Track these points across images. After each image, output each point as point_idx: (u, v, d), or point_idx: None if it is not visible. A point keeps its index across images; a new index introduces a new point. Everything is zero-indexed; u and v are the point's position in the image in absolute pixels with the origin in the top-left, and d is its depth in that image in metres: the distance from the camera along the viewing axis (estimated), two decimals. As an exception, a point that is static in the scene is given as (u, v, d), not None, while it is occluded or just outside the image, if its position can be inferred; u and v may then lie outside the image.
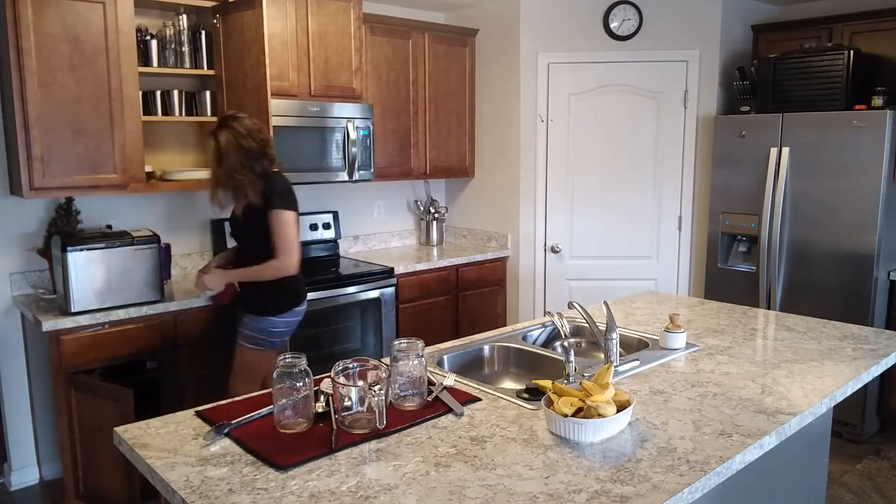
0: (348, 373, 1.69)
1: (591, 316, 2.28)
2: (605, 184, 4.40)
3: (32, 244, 3.29)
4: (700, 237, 4.34)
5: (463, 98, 4.61)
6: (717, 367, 2.13)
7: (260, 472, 1.46)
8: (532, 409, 1.79)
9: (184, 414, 1.78)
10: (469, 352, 2.36)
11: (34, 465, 3.43)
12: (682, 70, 4.24)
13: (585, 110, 4.34)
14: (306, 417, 1.66)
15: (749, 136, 3.97)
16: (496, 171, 4.61)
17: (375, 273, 3.88)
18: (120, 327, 2.98)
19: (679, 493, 1.37)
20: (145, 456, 1.54)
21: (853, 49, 3.70)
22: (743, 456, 1.56)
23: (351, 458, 1.53)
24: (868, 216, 3.61)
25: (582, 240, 4.47)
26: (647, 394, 1.91)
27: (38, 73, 2.90)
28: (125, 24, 3.11)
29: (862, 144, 3.58)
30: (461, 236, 4.92)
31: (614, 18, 4.22)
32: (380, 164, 4.17)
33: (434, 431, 1.66)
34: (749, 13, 4.38)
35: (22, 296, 3.25)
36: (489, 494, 1.36)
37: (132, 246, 3.00)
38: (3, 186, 3.21)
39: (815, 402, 1.84)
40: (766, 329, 2.61)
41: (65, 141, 3.01)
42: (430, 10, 4.67)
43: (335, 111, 3.80)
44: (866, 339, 2.43)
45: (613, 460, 1.51)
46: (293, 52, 3.65)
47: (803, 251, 3.84)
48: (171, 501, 1.41)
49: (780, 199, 3.87)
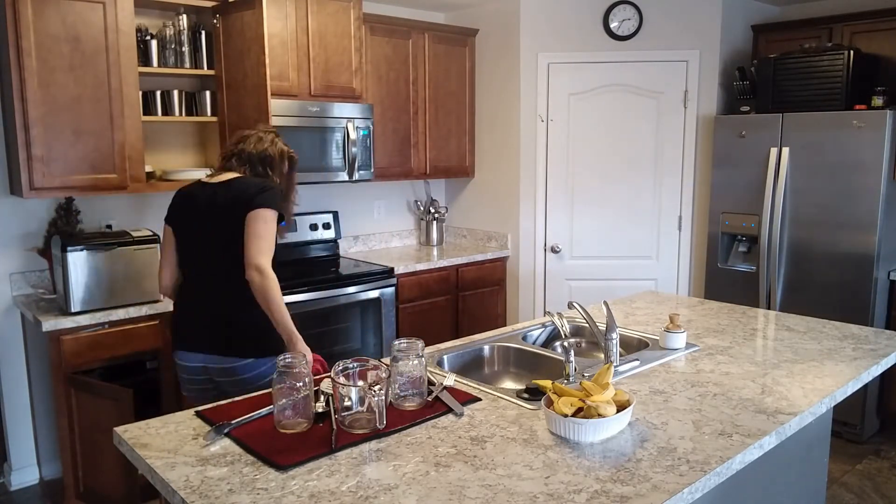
0: (348, 373, 1.69)
1: (591, 316, 2.28)
2: (605, 184, 4.40)
3: (32, 244, 3.29)
4: (700, 237, 4.34)
5: (463, 98, 4.61)
6: (717, 367, 2.13)
7: (260, 472, 1.46)
8: (532, 409, 1.79)
9: (184, 414, 1.77)
10: (469, 352, 2.36)
11: (34, 465, 3.43)
12: (682, 70, 4.24)
13: (585, 110, 4.34)
14: (306, 417, 1.66)
15: (749, 136, 3.97)
16: (496, 171, 4.61)
17: (375, 273, 3.88)
18: (120, 327, 2.98)
19: (679, 493, 1.37)
20: (145, 456, 1.54)
21: (853, 49, 3.70)
22: (743, 456, 1.56)
23: (351, 458, 1.53)
24: (868, 216, 3.60)
25: (582, 240, 4.47)
26: (647, 394, 1.91)
27: (38, 73, 2.90)
28: (125, 24, 3.11)
29: (862, 144, 3.58)
30: (461, 236, 4.92)
31: (614, 18, 4.22)
32: (380, 164, 4.17)
33: (434, 431, 1.66)
34: (749, 13, 4.38)
35: (22, 296, 3.26)
36: (489, 494, 1.36)
37: (132, 246, 3.00)
38: (3, 186, 3.21)
39: (815, 402, 1.84)
40: (766, 329, 2.61)
41: (65, 141, 3.01)
42: (430, 10, 4.67)
43: (335, 111, 3.80)
44: (866, 339, 2.43)
45: (613, 460, 1.50)
46: (293, 52, 3.65)
47: (803, 251, 3.84)
48: (171, 501, 1.41)
49: (780, 199, 3.87)
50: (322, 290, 3.61)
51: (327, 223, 4.25)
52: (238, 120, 3.44)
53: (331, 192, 4.37)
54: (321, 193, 4.31)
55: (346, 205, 4.47)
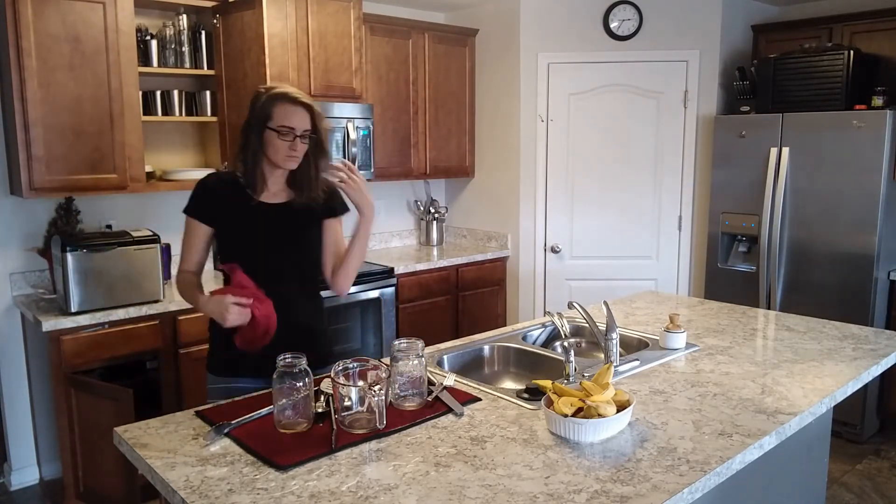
0: (348, 373, 1.69)
1: (591, 316, 2.28)
2: (605, 184, 4.40)
3: (32, 244, 3.29)
4: (700, 237, 4.33)
5: (463, 98, 4.61)
6: (717, 367, 2.13)
7: (260, 472, 1.46)
8: (532, 409, 1.79)
9: (184, 414, 1.77)
10: (469, 352, 2.36)
11: (34, 465, 3.43)
12: (682, 70, 4.24)
13: (585, 110, 4.34)
14: (306, 417, 1.66)
15: (749, 136, 3.97)
16: (496, 171, 4.61)
17: (375, 273, 3.88)
18: (120, 327, 2.98)
19: (679, 493, 1.37)
20: (145, 456, 1.54)
21: (853, 49, 3.70)
22: (743, 456, 1.56)
23: (351, 458, 1.53)
24: (868, 216, 3.60)
25: (582, 240, 4.47)
26: (647, 394, 1.90)
27: (38, 73, 2.91)
28: (125, 24, 3.11)
29: (862, 144, 3.58)
30: (461, 236, 4.92)
31: (614, 18, 4.22)
32: (380, 164, 4.16)
33: (434, 431, 1.66)
34: (749, 13, 4.38)
35: (22, 296, 3.25)
36: (489, 494, 1.36)
37: (132, 246, 3.00)
38: (3, 186, 3.21)
39: (815, 402, 1.84)
40: (766, 329, 2.61)
41: (65, 141, 3.01)
42: (430, 10, 4.67)
43: (335, 111, 3.80)
44: (866, 339, 2.43)
45: (613, 460, 1.50)
46: (293, 52, 3.65)
47: (803, 251, 3.84)
48: (171, 501, 1.41)
49: (780, 199, 3.87)
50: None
51: (327, 223, 4.24)
52: (238, 120, 3.43)
53: (331, 192, 4.37)
54: (321, 193, 4.31)
55: (346, 205, 4.47)
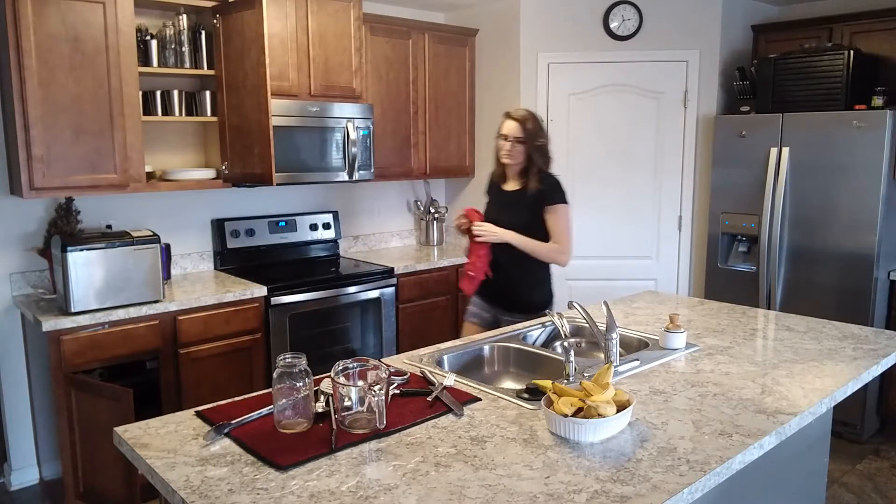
0: (348, 373, 1.69)
1: (591, 316, 2.28)
2: (605, 184, 4.39)
3: (32, 244, 3.29)
4: (700, 237, 4.33)
5: (463, 98, 4.61)
6: (717, 367, 2.13)
7: (260, 472, 1.46)
8: (532, 409, 1.79)
9: (184, 414, 1.78)
10: (469, 352, 2.36)
11: (34, 465, 3.43)
12: (682, 70, 4.24)
13: (585, 110, 4.34)
14: (306, 417, 1.66)
15: (749, 136, 3.97)
16: (496, 171, 4.60)
17: (375, 273, 3.88)
18: (120, 327, 2.98)
19: (679, 493, 1.37)
20: (145, 456, 1.54)
21: (853, 49, 3.70)
22: (743, 456, 1.56)
23: (351, 458, 1.53)
24: (868, 216, 3.61)
25: (582, 240, 4.45)
26: (647, 394, 1.91)
27: (38, 73, 2.90)
28: (125, 24, 3.11)
29: (862, 144, 3.58)
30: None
31: (614, 18, 4.22)
32: (380, 164, 4.16)
33: (434, 431, 1.66)
34: (749, 13, 4.38)
35: (22, 296, 3.25)
36: (489, 494, 1.36)
37: (132, 246, 3.00)
38: (3, 186, 3.21)
39: (815, 402, 1.84)
40: (766, 329, 2.61)
41: (65, 141, 3.01)
42: (430, 10, 4.67)
43: (335, 111, 3.80)
44: (866, 339, 2.43)
45: (613, 460, 1.51)
46: (293, 52, 3.65)
47: (803, 251, 3.84)
48: (171, 501, 1.41)
49: (780, 199, 3.87)
50: (322, 289, 3.61)
51: (327, 223, 4.25)
52: (238, 120, 3.44)
53: (331, 192, 4.37)
54: (321, 193, 4.31)
55: (346, 205, 4.47)
